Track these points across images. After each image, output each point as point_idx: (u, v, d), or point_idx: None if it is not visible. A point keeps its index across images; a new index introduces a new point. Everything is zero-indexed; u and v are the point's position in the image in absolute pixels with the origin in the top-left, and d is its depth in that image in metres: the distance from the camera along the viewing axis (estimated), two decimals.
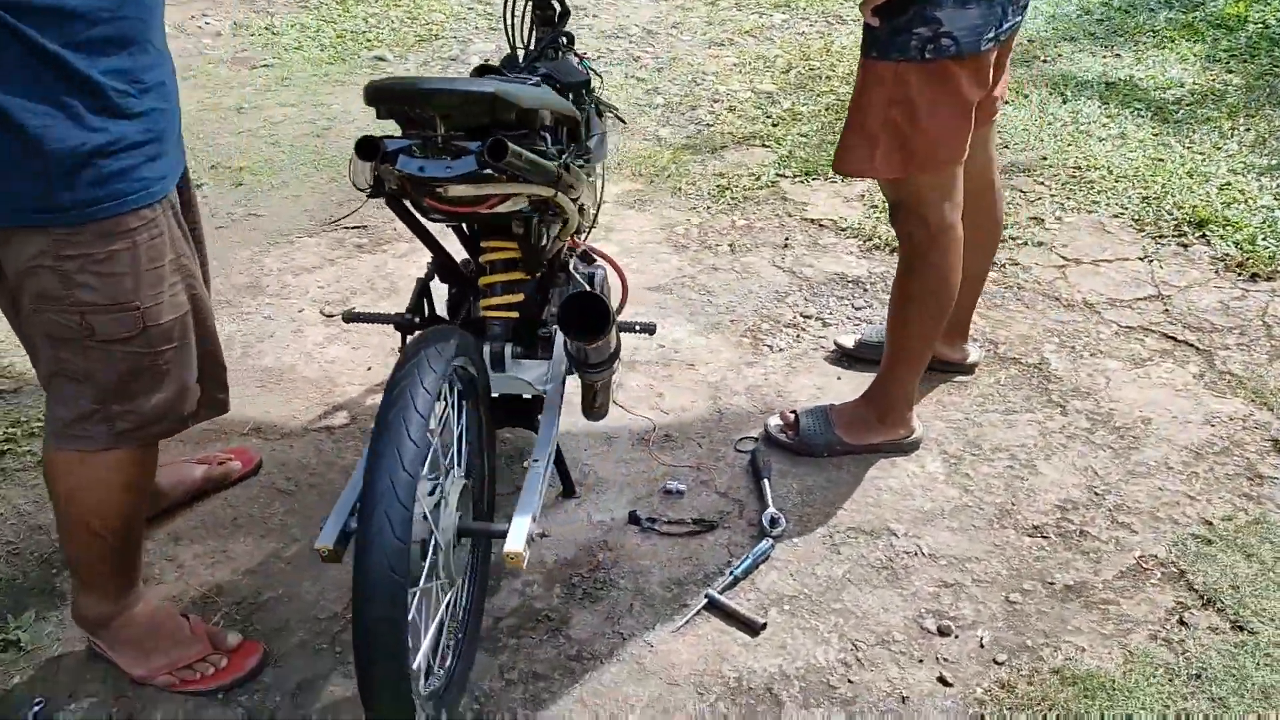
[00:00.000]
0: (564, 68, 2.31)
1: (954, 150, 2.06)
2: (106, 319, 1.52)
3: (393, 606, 1.30)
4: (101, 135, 1.45)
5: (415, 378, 1.40)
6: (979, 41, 1.91)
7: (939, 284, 2.20)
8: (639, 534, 2.21)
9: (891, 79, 1.96)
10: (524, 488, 1.72)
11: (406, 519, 1.30)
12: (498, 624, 2.01)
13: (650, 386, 2.69)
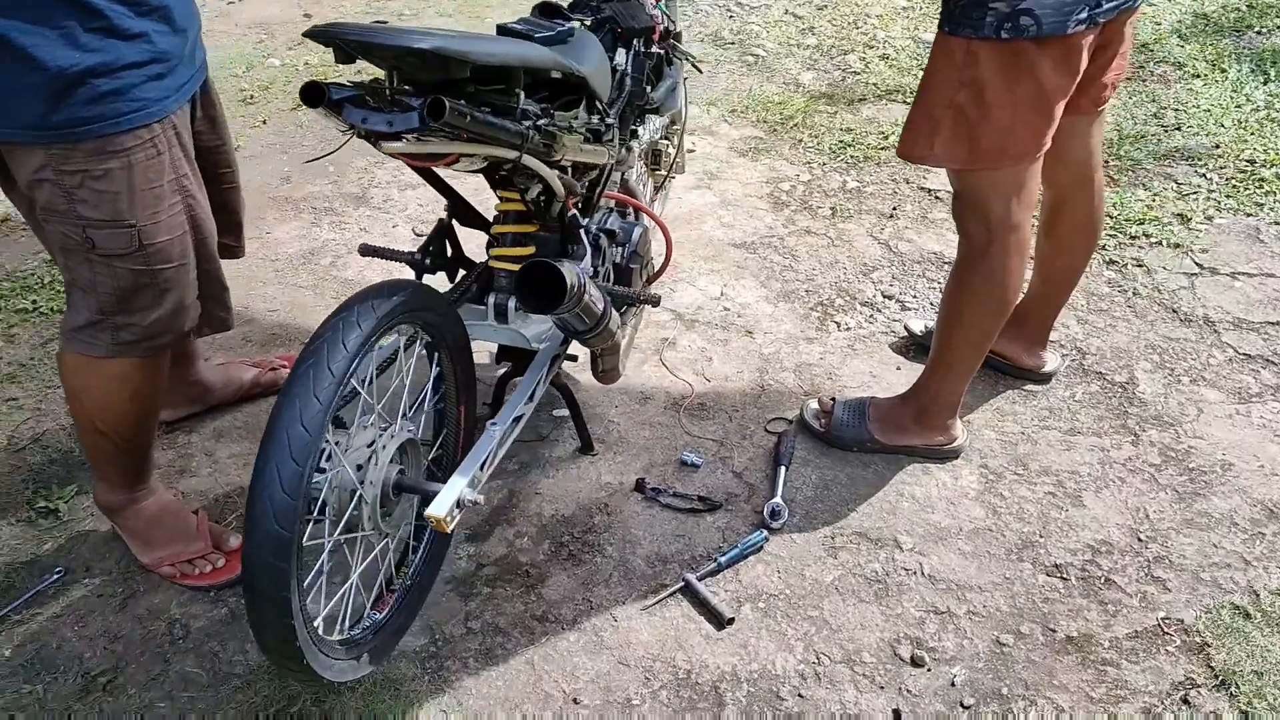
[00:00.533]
0: (632, 10, 2.22)
1: (1026, 145, 1.85)
2: (104, 234, 1.59)
3: (274, 555, 1.33)
4: (96, 55, 1.49)
5: (336, 333, 1.41)
6: (1066, 22, 1.68)
7: (994, 288, 2.01)
8: (641, 502, 2.18)
9: (961, 57, 1.76)
10: (472, 450, 1.71)
11: (295, 474, 1.33)
12: (478, 570, 2.04)
13: (702, 350, 2.61)
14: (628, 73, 2.20)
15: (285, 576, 1.35)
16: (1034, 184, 1.94)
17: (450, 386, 1.83)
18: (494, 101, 1.52)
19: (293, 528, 1.34)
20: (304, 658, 1.44)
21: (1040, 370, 2.44)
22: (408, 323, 1.57)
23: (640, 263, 2.17)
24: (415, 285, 1.59)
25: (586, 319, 1.76)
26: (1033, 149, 1.86)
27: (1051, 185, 2.21)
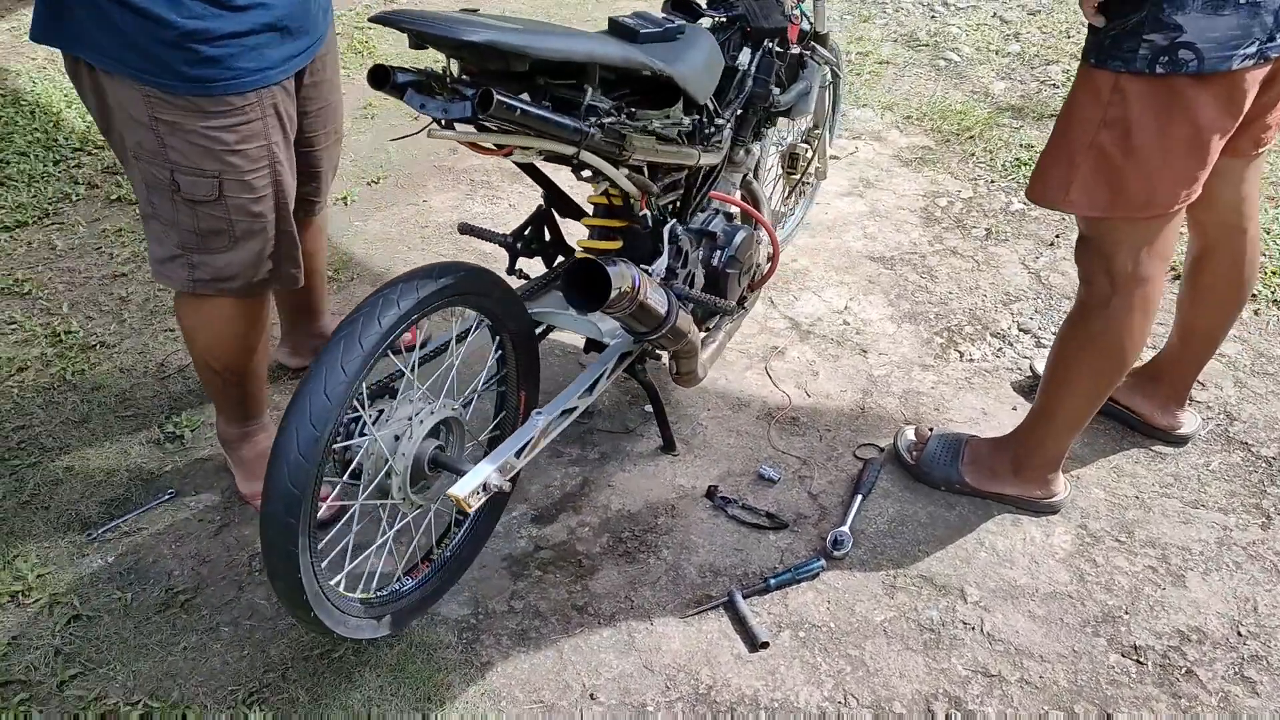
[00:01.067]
0: (765, 10, 2.18)
1: (1175, 192, 1.67)
2: (190, 179, 1.71)
3: (286, 511, 1.41)
4: (199, 22, 1.60)
5: (374, 309, 1.46)
6: (1231, 57, 1.51)
7: (1111, 345, 1.84)
8: (709, 510, 2.15)
9: (1108, 93, 1.61)
10: (511, 436, 1.74)
11: (312, 438, 1.39)
12: (536, 552, 2.08)
13: (810, 363, 2.54)
14: (749, 73, 2.16)
15: (294, 532, 1.43)
16: (1171, 234, 1.76)
17: (511, 371, 1.87)
18: (563, 95, 1.53)
19: (305, 487, 1.41)
20: (311, 609, 1.52)
21: (1175, 431, 2.23)
22: (456, 305, 1.61)
23: (739, 268, 2.13)
24: (470, 270, 1.62)
25: (645, 320, 1.75)
26: (1182, 197, 1.68)
27: (1198, 232, 2.01)
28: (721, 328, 2.26)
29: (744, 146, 2.26)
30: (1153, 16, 1.51)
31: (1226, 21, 1.48)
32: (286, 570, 1.46)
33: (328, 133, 2.06)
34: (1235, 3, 1.47)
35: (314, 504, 1.46)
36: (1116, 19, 1.55)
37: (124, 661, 1.87)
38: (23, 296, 2.84)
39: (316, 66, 1.93)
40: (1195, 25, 1.49)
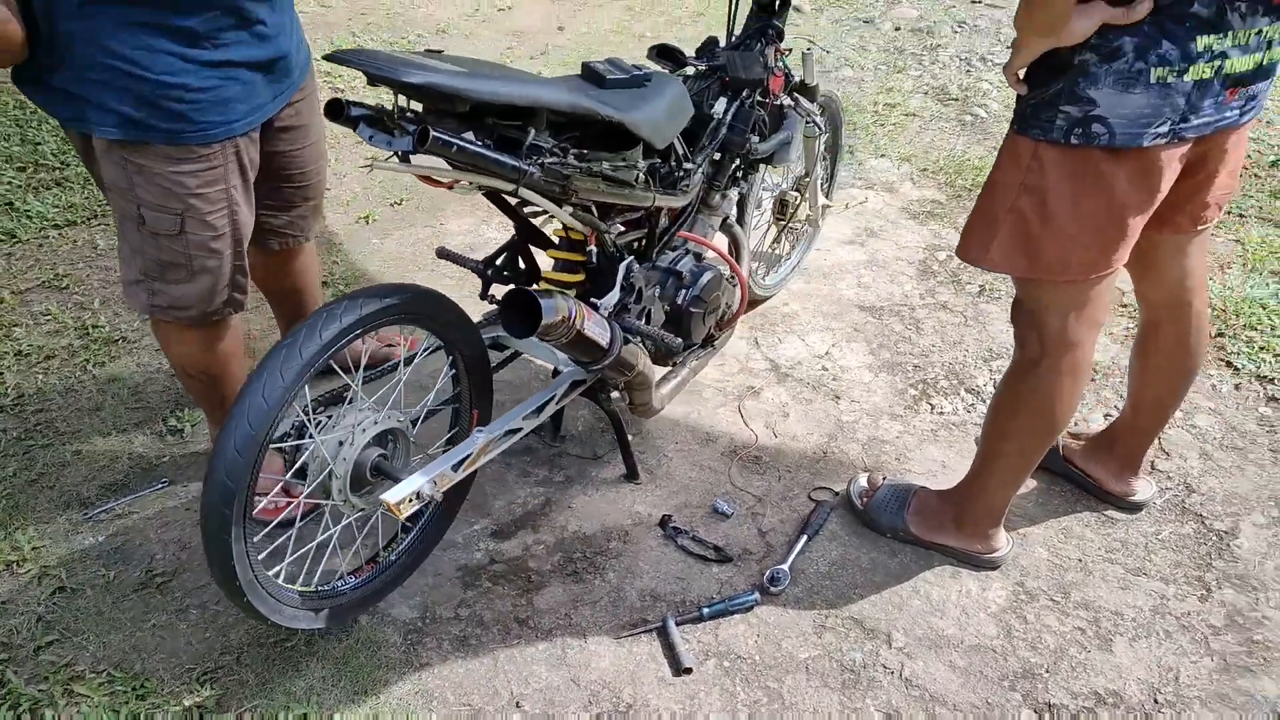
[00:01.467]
0: (745, 62, 2.28)
1: (1092, 260, 1.72)
2: (154, 215, 1.84)
3: (221, 502, 1.55)
4: (172, 77, 1.72)
5: (318, 321, 1.59)
6: (1142, 135, 1.56)
7: (1041, 406, 1.90)
8: (660, 538, 2.24)
9: (1028, 159, 1.67)
10: (450, 451, 1.85)
11: (248, 436, 1.53)
12: (489, 564, 2.19)
13: (783, 405, 2.62)
14: (724, 121, 2.26)
15: (228, 521, 1.56)
16: (1101, 301, 1.81)
17: (464, 390, 1.98)
18: (509, 135, 1.64)
19: (240, 481, 1.54)
20: (244, 594, 1.65)
21: (1128, 498, 2.26)
22: (400, 325, 1.73)
23: (704, 307, 2.23)
24: (418, 292, 1.75)
25: (586, 350, 1.85)
26: (1100, 265, 1.72)
27: (1145, 305, 2.05)
28: (687, 364, 2.36)
29: (720, 191, 2.36)
30: (1069, 89, 1.57)
31: (1137, 100, 1.53)
32: (220, 557, 1.59)
33: (311, 170, 2.18)
34: (1146, 82, 1.52)
35: (249, 497, 1.59)
36: (1036, 89, 1.62)
37: (97, 633, 2.02)
38: (60, 290, 3.05)
39: (291, 111, 2.03)
40: (1107, 100, 1.54)
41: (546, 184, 1.66)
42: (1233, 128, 1.65)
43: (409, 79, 1.43)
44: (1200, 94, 1.54)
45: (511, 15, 5.18)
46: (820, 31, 4.87)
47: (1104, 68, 1.53)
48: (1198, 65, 1.51)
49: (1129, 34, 1.51)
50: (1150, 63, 1.51)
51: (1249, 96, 1.61)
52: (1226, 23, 1.50)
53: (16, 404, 2.60)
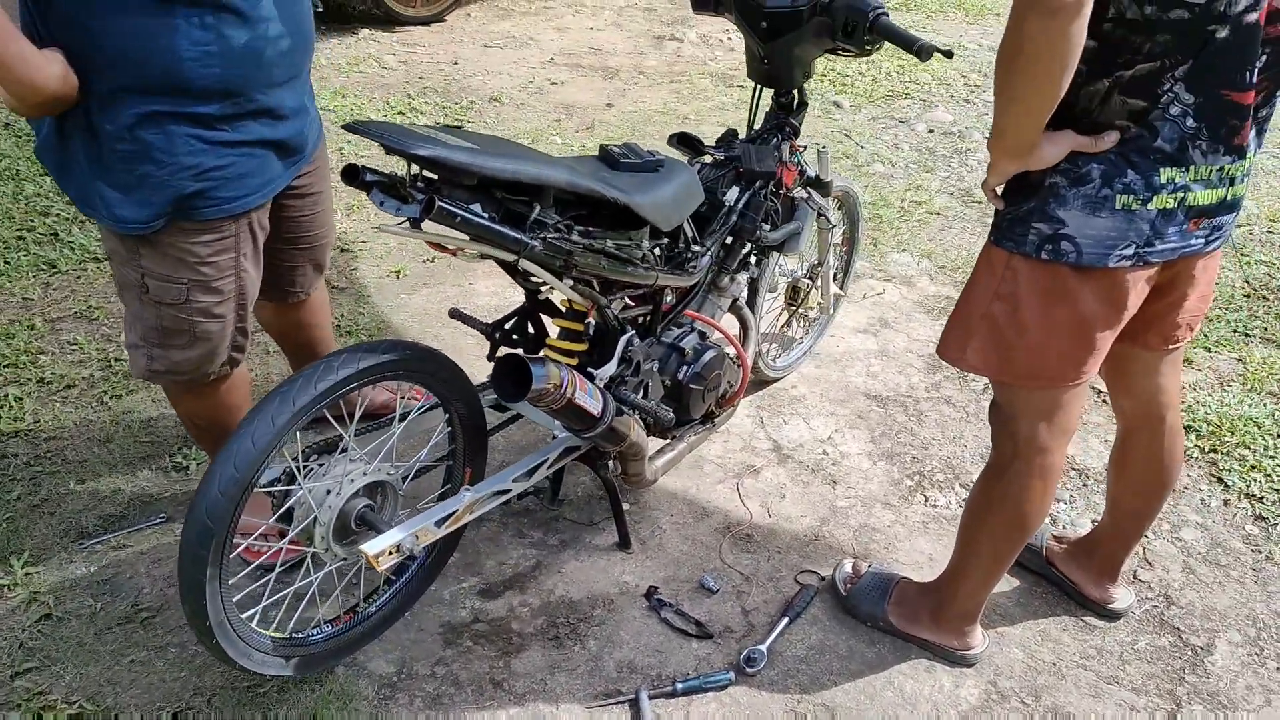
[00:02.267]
0: (759, 155, 2.35)
1: (1063, 370, 1.75)
2: (159, 284, 1.87)
3: (198, 543, 1.59)
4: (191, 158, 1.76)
5: (314, 373, 1.64)
6: (1107, 256, 1.61)
7: (1011, 508, 1.91)
8: (644, 609, 2.25)
9: (1001, 269, 1.71)
10: (434, 506, 1.89)
11: (233, 479, 1.57)
12: (473, 623, 2.20)
13: (780, 485, 2.63)
14: (735, 209, 2.32)
15: (204, 562, 1.60)
16: (1072, 410, 1.83)
17: (458, 447, 2.03)
18: (516, 209, 1.71)
19: (220, 522, 1.58)
20: (213, 636, 1.68)
21: (1106, 605, 2.24)
22: (396, 380, 1.78)
23: (703, 384, 2.26)
24: (416, 350, 1.80)
25: (576, 418, 1.89)
26: (1069, 375, 1.76)
27: (1120, 416, 2.09)
28: (684, 439, 2.39)
29: (729, 274, 2.41)
30: (1040, 208, 1.62)
31: (1103, 223, 1.58)
32: (193, 596, 1.62)
33: (318, 234, 2.24)
34: (1111, 208, 1.57)
35: (228, 539, 1.62)
36: (1012, 205, 1.67)
37: (76, 663, 2.05)
38: (90, 321, 3.14)
39: (303, 180, 2.08)
40: (1075, 221, 1.59)
41: (547, 257, 1.72)
42: (1198, 255, 1.69)
43: (418, 151, 1.49)
44: (1164, 222, 1.59)
45: (564, 89, 5.33)
46: (856, 127, 4.97)
47: (1073, 191, 1.59)
48: (1161, 195, 1.57)
49: (1097, 161, 1.57)
50: (1116, 190, 1.56)
51: (1214, 227, 1.65)
52: (1188, 158, 1.55)
53: (31, 430, 2.67)
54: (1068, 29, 1.38)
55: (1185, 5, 1.45)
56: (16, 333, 3.04)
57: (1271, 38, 1.51)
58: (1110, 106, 1.54)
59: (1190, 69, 1.49)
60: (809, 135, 4.88)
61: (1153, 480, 2.06)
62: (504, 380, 1.74)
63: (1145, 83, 1.51)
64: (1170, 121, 1.53)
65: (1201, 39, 1.47)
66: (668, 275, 2.07)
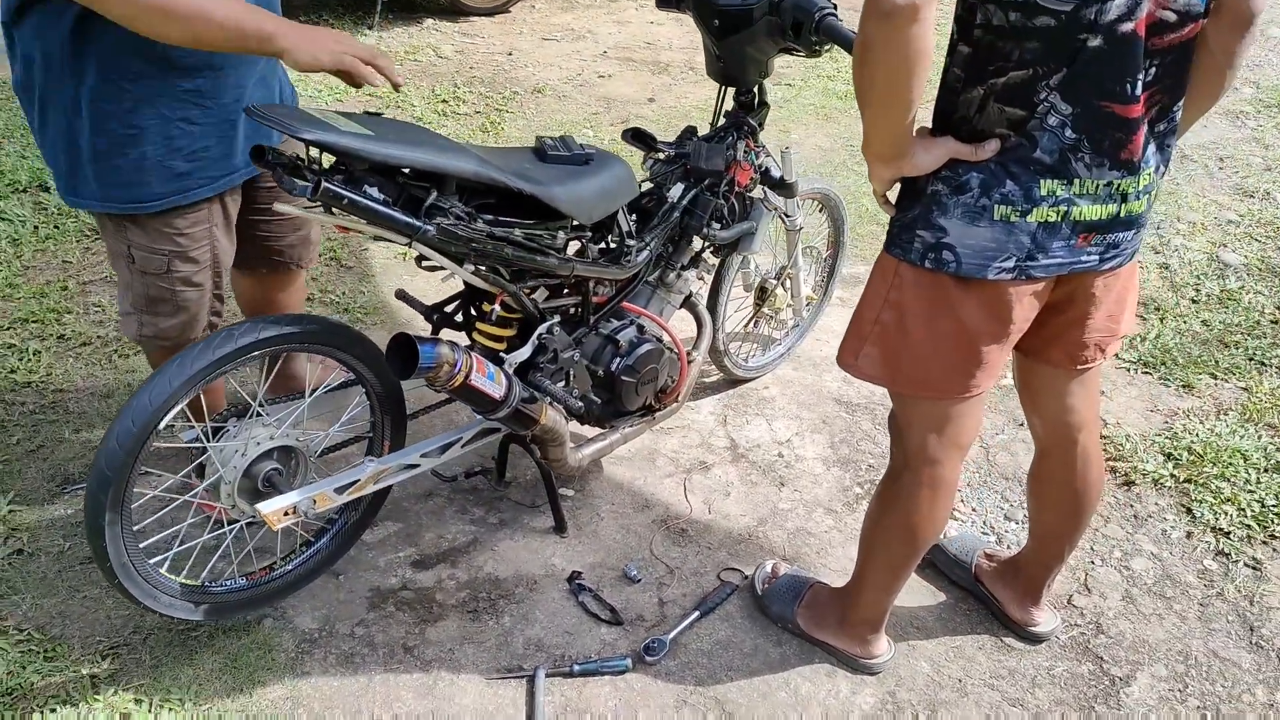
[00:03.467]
0: (709, 153, 2.39)
1: (949, 382, 1.75)
2: (143, 254, 2.04)
3: (98, 489, 1.73)
4: (183, 140, 1.94)
5: (214, 340, 1.77)
6: (986, 268, 1.60)
7: (900, 517, 1.92)
8: (564, 592, 2.33)
9: (891, 276, 1.72)
10: (336, 474, 1.99)
11: (128, 432, 1.71)
12: (399, 590, 2.32)
13: (727, 484, 2.67)
14: (678, 205, 2.37)
15: (102, 508, 1.74)
16: (964, 424, 1.83)
17: (378, 423, 2.13)
18: (415, 194, 1.79)
19: (118, 471, 1.73)
20: (116, 577, 1.82)
21: (1028, 628, 2.22)
22: (300, 352, 1.90)
23: (636, 377, 2.32)
24: (325, 324, 1.91)
25: (476, 400, 1.97)
26: (956, 388, 1.75)
27: (1033, 434, 2.07)
28: (619, 429, 2.45)
29: (675, 271, 2.46)
30: (923, 215, 1.62)
31: (982, 233, 1.57)
32: (95, 539, 1.77)
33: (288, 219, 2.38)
34: (990, 218, 1.56)
35: (126, 487, 1.76)
36: (900, 212, 1.68)
37: (36, 595, 2.23)
38: (116, 285, 3.37)
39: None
40: (956, 231, 1.59)
41: (442, 243, 1.80)
42: (1094, 272, 1.66)
43: (302, 135, 1.59)
44: (1047, 236, 1.57)
45: (609, 83, 5.42)
46: None
47: (953, 199, 1.59)
48: (1041, 208, 1.55)
49: (976, 170, 1.56)
50: (994, 200, 1.56)
51: (1109, 244, 1.62)
52: (1071, 170, 1.53)
53: (43, 381, 2.89)
54: (905, 32, 1.37)
55: (1050, 12, 1.44)
56: (50, 292, 3.28)
57: (1158, 48, 1.49)
58: (988, 114, 1.54)
59: (1065, 78, 1.48)
60: (844, 134, 4.85)
61: (1067, 503, 2.04)
62: (395, 358, 1.84)
63: (1020, 90, 1.51)
64: (1049, 132, 1.52)
65: (1072, 47, 1.46)
66: (590, 267, 2.14)
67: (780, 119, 5.02)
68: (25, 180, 3.86)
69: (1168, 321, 3.43)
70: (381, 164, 1.70)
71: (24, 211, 3.70)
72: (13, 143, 4.17)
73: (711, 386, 3.05)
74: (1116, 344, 1.85)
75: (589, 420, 2.40)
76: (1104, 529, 2.56)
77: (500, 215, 1.93)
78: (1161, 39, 1.49)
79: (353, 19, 5.91)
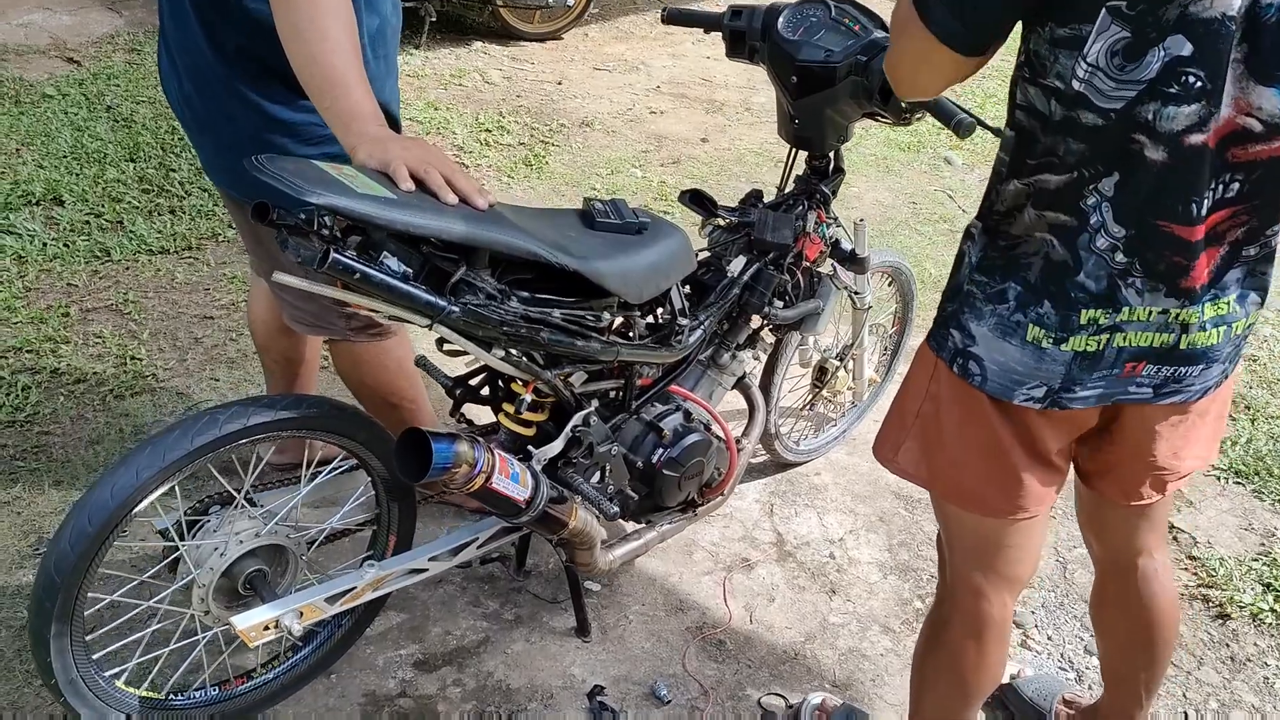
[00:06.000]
0: (776, 223, 2.14)
1: (987, 497, 1.48)
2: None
3: (45, 595, 1.48)
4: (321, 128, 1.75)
5: (192, 424, 1.52)
6: (1012, 390, 1.36)
7: (948, 666, 1.65)
8: (584, 711, 2.05)
9: (931, 367, 1.48)
10: (325, 581, 1.72)
11: (83, 532, 1.46)
12: (399, 697, 2.05)
13: (771, 587, 2.39)
14: (738, 281, 2.10)
15: (48, 618, 1.48)
16: (1011, 556, 1.56)
17: (383, 514, 1.87)
18: (441, 266, 1.53)
19: (67, 576, 1.47)
20: (61, 694, 1.56)
21: None
22: (296, 437, 1.63)
23: (680, 470, 2.04)
24: (325, 406, 1.65)
25: (496, 504, 1.70)
26: (995, 504, 1.48)
27: (1092, 559, 1.81)
28: (656, 526, 2.17)
29: (730, 351, 2.19)
30: (957, 314, 1.39)
31: (1012, 352, 1.34)
32: (39, 651, 1.52)
33: None
34: (1021, 338, 1.33)
35: (78, 594, 1.50)
36: (944, 300, 1.43)
37: None
38: (121, 315, 3.14)
39: None
40: (985, 342, 1.36)
41: (467, 325, 1.54)
42: (1147, 404, 1.39)
43: (308, 199, 1.33)
44: (1085, 367, 1.33)
45: (661, 119, 5.16)
46: (964, 189, 4.64)
47: (988, 306, 1.36)
48: (1079, 337, 1.31)
49: (1015, 280, 1.33)
50: (1029, 318, 1.32)
51: (1168, 378, 1.35)
52: (1119, 299, 1.29)
53: (28, 421, 2.66)
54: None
55: (1096, 110, 1.19)
56: (49, 319, 3.05)
57: (1240, 162, 1.22)
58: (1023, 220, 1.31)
59: (1117, 191, 1.23)
60: (908, 189, 4.57)
61: (1134, 638, 1.75)
62: (405, 456, 1.57)
63: (1062, 197, 1.27)
64: (1096, 256, 1.27)
65: (1124, 155, 1.21)
66: (638, 351, 1.87)
67: None
68: (40, 192, 3.65)
69: (1259, 424, 3.10)
70: (401, 233, 1.44)
71: (34, 226, 3.48)
72: (31, 150, 3.97)
73: (758, 469, 2.77)
74: (1181, 483, 1.57)
75: (624, 516, 2.12)
76: (1198, 673, 2.25)
77: (537, 291, 1.66)
78: (1244, 150, 1.21)
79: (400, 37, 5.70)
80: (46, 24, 5.23)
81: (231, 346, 3.04)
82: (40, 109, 4.29)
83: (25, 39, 5.01)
